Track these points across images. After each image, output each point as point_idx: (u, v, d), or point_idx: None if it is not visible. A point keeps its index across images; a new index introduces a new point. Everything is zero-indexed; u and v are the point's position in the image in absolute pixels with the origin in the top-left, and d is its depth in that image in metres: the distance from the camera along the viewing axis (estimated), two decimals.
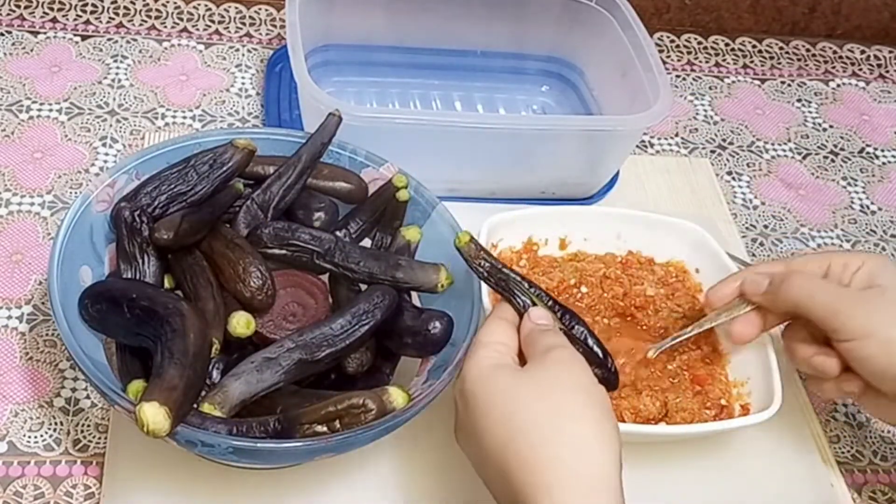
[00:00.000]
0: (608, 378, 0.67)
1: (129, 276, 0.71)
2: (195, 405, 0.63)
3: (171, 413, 0.57)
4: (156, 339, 0.62)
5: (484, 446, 0.59)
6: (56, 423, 0.74)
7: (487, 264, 0.69)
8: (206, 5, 1.13)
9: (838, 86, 1.22)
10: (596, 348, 0.67)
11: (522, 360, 0.65)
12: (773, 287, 0.71)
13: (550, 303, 0.68)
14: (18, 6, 1.08)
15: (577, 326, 0.68)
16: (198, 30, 1.10)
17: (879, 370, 0.66)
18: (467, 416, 0.61)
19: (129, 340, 0.68)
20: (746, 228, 1.01)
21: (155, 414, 0.57)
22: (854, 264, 0.70)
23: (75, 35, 1.06)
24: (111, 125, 0.97)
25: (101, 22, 1.08)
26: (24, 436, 0.73)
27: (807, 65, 1.24)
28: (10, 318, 0.80)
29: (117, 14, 1.09)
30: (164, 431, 0.57)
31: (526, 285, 0.68)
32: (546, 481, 0.55)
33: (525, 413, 0.58)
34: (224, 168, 0.75)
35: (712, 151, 1.09)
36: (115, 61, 1.04)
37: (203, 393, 0.65)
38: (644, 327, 0.83)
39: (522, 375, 0.61)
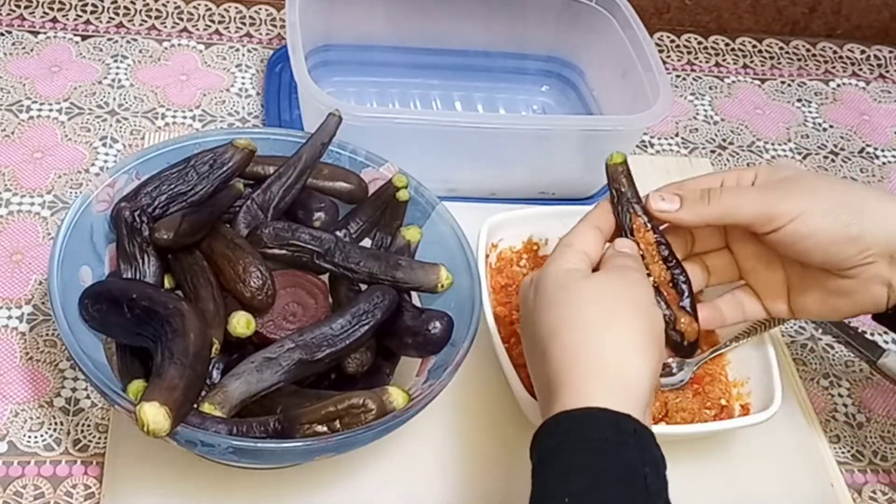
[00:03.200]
0: (680, 342, 0.69)
1: (129, 276, 0.71)
2: (195, 405, 0.63)
3: (172, 413, 0.57)
4: (156, 339, 0.62)
5: (536, 332, 0.63)
6: (56, 423, 0.74)
7: (623, 188, 0.71)
8: (206, 5, 1.13)
9: (838, 86, 1.22)
10: (686, 304, 0.70)
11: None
12: (687, 207, 0.70)
13: (665, 251, 0.70)
14: (18, 6, 1.08)
15: (680, 279, 0.70)
16: (198, 30, 1.10)
17: (825, 240, 0.66)
18: (534, 307, 0.64)
19: (130, 340, 0.68)
20: None
21: (155, 414, 0.57)
22: (747, 176, 0.71)
23: (75, 35, 1.06)
24: (111, 125, 0.97)
25: (101, 22, 1.08)
26: (24, 436, 0.73)
27: (807, 65, 1.24)
28: (10, 318, 0.80)
29: (117, 14, 1.09)
30: (164, 431, 0.57)
31: (643, 220, 0.70)
32: (580, 372, 0.58)
33: (578, 313, 0.61)
34: (224, 168, 0.75)
35: (712, 151, 1.09)
36: (115, 61, 1.04)
37: (203, 393, 0.65)
38: None
39: (587, 280, 0.64)
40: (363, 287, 0.73)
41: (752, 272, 0.73)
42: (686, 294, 0.70)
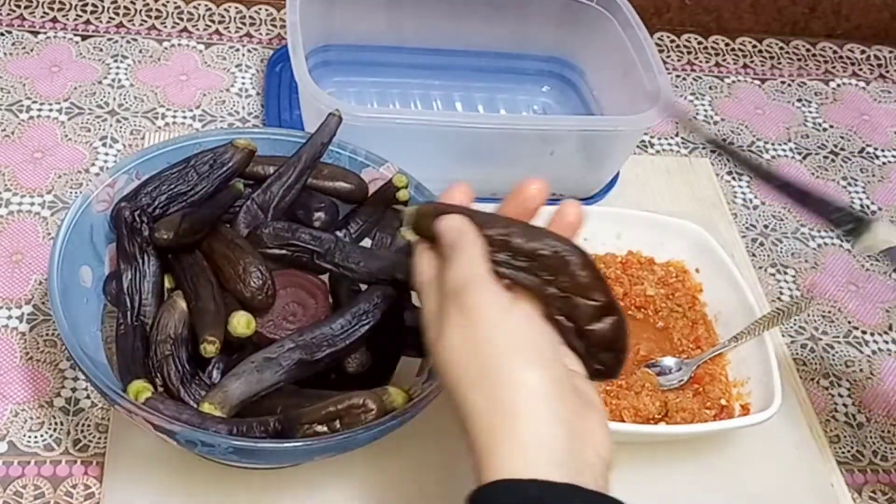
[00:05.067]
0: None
1: (130, 276, 0.71)
2: (196, 405, 0.64)
3: None
4: None
5: (458, 378, 0.54)
6: (56, 423, 0.74)
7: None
8: (206, 5, 1.13)
9: (838, 86, 1.22)
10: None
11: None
12: None
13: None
14: (18, 6, 1.08)
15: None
16: (198, 30, 1.10)
17: None
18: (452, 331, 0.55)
19: None
20: (746, 228, 1.01)
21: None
22: None
23: (75, 35, 1.06)
24: (111, 125, 0.97)
25: (101, 22, 1.08)
26: (25, 436, 0.73)
27: (807, 65, 1.24)
28: (10, 318, 0.80)
29: (117, 14, 1.09)
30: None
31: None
32: (481, 442, 0.52)
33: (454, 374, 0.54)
34: (224, 168, 0.75)
35: (712, 151, 1.09)
36: (115, 61, 1.04)
37: (203, 393, 0.65)
38: (644, 324, 0.83)
39: (443, 343, 0.55)
40: (363, 287, 0.73)
41: None
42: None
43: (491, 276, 0.55)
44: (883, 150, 1.14)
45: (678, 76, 1.18)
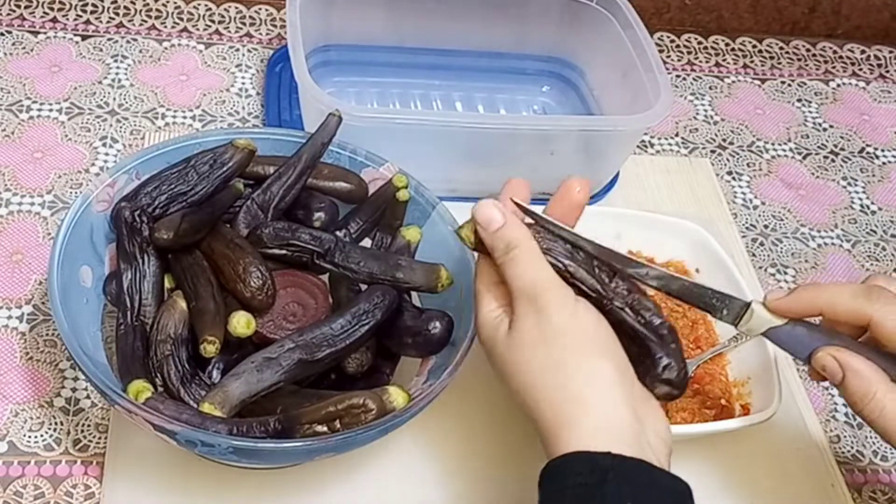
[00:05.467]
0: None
1: (130, 276, 0.71)
2: (196, 405, 0.64)
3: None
4: None
5: (511, 386, 0.61)
6: (56, 423, 0.74)
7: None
8: (206, 5, 1.13)
9: (838, 86, 1.22)
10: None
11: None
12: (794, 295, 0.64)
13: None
14: (18, 6, 1.08)
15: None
16: (198, 30, 1.10)
17: None
18: (498, 360, 0.62)
19: None
20: (746, 228, 1.01)
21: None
22: None
23: (75, 35, 1.06)
24: (111, 125, 0.97)
25: (101, 22, 1.08)
26: (24, 436, 0.73)
27: (807, 65, 1.24)
28: (10, 318, 0.80)
29: (117, 14, 1.09)
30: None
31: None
32: (554, 421, 0.57)
33: (541, 360, 0.59)
34: (224, 168, 0.75)
35: (712, 151, 1.09)
36: (115, 61, 1.04)
37: (203, 393, 0.65)
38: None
39: (514, 338, 0.60)
40: (363, 287, 0.73)
41: None
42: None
43: (555, 275, 0.60)
44: (883, 150, 1.14)
45: (678, 76, 1.18)
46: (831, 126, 1.16)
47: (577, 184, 0.64)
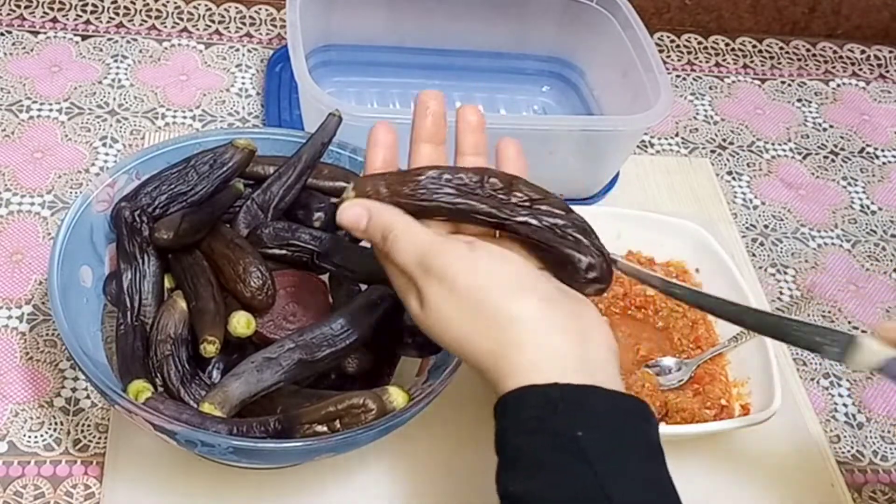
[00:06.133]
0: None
1: (130, 276, 0.71)
2: (196, 405, 0.63)
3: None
4: None
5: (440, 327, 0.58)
6: (56, 423, 0.74)
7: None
8: (206, 5, 1.13)
9: (838, 86, 1.22)
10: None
11: None
12: None
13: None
14: (18, 6, 1.08)
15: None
16: (198, 30, 1.10)
17: None
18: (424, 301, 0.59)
19: None
20: (746, 228, 1.01)
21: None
22: None
23: (75, 35, 1.06)
24: (111, 125, 0.97)
25: (101, 22, 1.08)
26: (24, 436, 0.73)
27: (807, 65, 1.24)
28: (10, 318, 0.80)
29: (117, 14, 1.09)
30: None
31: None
32: (498, 357, 0.56)
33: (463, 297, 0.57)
34: (224, 168, 0.75)
35: (712, 151, 1.09)
36: (115, 61, 1.04)
37: (203, 393, 0.65)
38: (644, 324, 0.83)
39: (430, 311, 0.58)
40: (363, 287, 0.73)
41: None
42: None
43: (438, 240, 0.58)
44: (883, 150, 1.14)
45: (678, 76, 1.18)
46: (831, 126, 1.16)
47: (469, 110, 0.65)
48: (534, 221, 0.59)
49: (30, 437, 0.73)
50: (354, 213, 0.60)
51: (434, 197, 0.60)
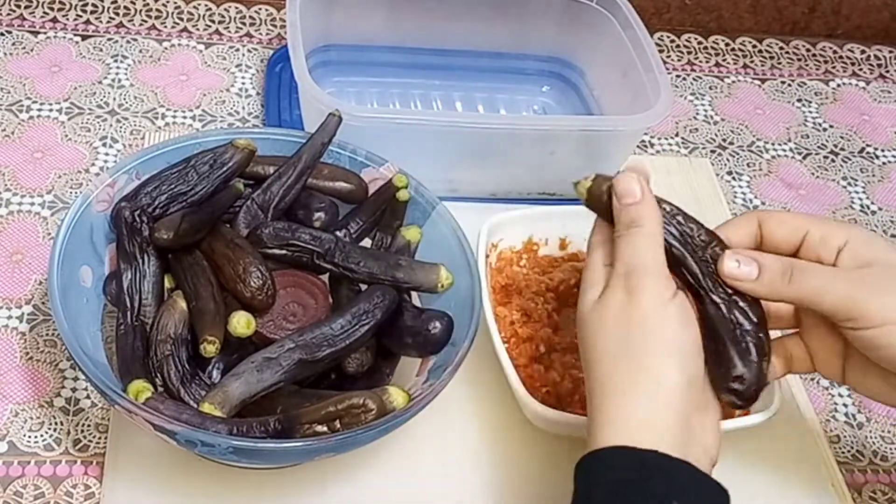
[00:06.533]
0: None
1: (130, 276, 0.71)
2: (196, 405, 0.63)
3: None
4: None
5: (584, 359, 0.61)
6: (56, 423, 0.74)
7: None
8: (206, 5, 1.13)
9: (838, 86, 1.22)
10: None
11: None
12: (766, 282, 0.63)
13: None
14: (18, 6, 1.08)
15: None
16: (198, 30, 1.10)
17: None
18: (583, 335, 0.61)
19: None
20: None
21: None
22: (835, 239, 0.64)
23: (75, 35, 1.06)
24: (111, 125, 0.97)
25: (101, 22, 1.08)
26: (24, 436, 0.73)
27: (807, 65, 1.24)
28: (10, 318, 0.80)
29: (117, 14, 1.09)
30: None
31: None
32: (605, 411, 0.57)
33: (604, 343, 0.59)
34: (224, 168, 0.75)
35: (712, 151, 1.09)
36: (115, 61, 1.04)
37: (203, 393, 0.65)
38: None
39: (598, 310, 0.60)
40: (363, 287, 0.73)
41: (811, 329, 0.67)
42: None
43: (663, 265, 0.60)
44: (883, 150, 1.14)
45: (678, 76, 1.18)
46: (831, 126, 1.16)
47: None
48: (724, 308, 0.61)
49: (30, 437, 0.73)
50: (631, 187, 0.62)
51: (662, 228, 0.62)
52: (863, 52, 1.27)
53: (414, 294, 0.76)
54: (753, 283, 0.62)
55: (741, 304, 0.61)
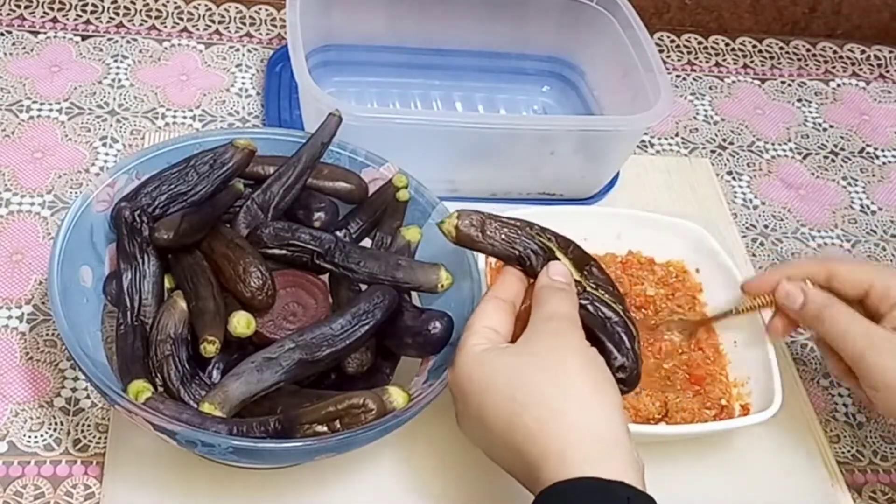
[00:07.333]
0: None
1: (130, 276, 0.71)
2: (196, 405, 0.63)
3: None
4: None
5: (489, 429, 0.59)
6: (56, 423, 0.74)
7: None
8: (206, 5, 1.13)
9: (838, 86, 1.22)
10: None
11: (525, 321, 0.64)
12: (806, 312, 0.73)
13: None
14: (18, 6, 1.08)
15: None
16: (198, 30, 1.10)
17: None
18: (466, 405, 0.61)
19: None
20: (746, 228, 1.01)
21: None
22: (859, 278, 0.71)
23: (75, 35, 1.06)
24: (111, 125, 0.97)
25: (101, 22, 1.08)
26: (25, 436, 0.73)
27: (807, 65, 1.24)
28: (10, 318, 0.80)
29: (117, 14, 1.09)
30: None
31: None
32: (557, 448, 0.56)
33: (525, 388, 0.58)
34: (224, 168, 0.75)
35: (712, 151, 1.09)
36: (115, 61, 1.04)
37: (203, 393, 0.65)
38: (643, 324, 0.83)
39: (516, 351, 0.61)
40: (363, 287, 0.73)
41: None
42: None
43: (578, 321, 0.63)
44: (883, 150, 1.14)
45: (678, 76, 1.18)
46: (831, 126, 1.16)
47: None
48: (590, 309, 0.64)
49: (30, 437, 0.73)
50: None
51: (515, 243, 0.66)
52: (863, 52, 1.27)
53: (414, 294, 0.76)
54: (797, 311, 0.73)
55: (607, 298, 0.64)
